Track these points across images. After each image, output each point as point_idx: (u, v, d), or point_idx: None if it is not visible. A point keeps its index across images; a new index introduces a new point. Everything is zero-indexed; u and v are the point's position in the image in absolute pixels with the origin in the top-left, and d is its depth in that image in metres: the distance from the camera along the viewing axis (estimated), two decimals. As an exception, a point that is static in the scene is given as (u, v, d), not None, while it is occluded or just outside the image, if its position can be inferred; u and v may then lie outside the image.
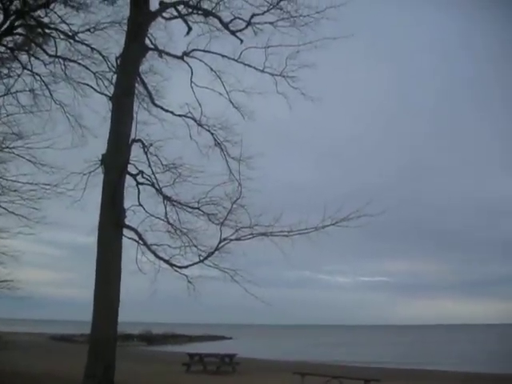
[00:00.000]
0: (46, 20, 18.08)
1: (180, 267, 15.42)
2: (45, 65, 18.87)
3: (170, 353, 49.92)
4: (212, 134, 17.28)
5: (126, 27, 16.52)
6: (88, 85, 18.84)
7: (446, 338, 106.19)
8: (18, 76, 18.90)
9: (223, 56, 17.00)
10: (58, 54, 18.55)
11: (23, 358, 30.05)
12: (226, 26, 16.70)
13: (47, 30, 18.24)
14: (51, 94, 19.20)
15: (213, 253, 15.25)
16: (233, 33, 16.78)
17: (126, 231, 15.25)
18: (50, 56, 18.57)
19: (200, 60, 17.25)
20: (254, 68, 17.03)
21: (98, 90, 18.63)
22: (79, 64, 18.72)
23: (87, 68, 18.75)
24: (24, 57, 18.92)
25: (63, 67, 18.82)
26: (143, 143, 15.97)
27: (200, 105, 17.33)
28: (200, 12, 16.93)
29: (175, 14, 16.95)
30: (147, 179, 16.11)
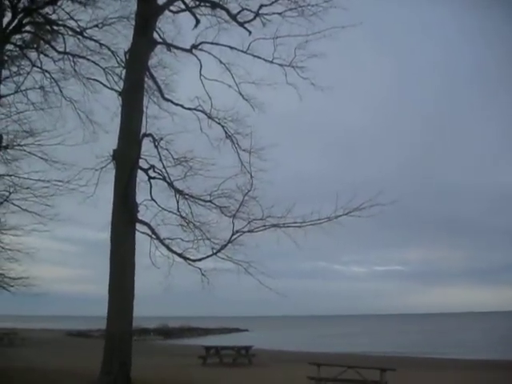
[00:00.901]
0: (53, 17, 18.16)
1: (193, 260, 15.44)
2: (54, 62, 18.95)
3: (186, 346, 50.03)
4: (223, 126, 17.25)
5: (133, 22, 16.48)
6: (97, 80, 18.88)
7: (460, 326, 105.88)
8: (28, 73, 18.99)
9: (232, 48, 16.95)
10: (67, 50, 18.61)
11: (40, 354, 30.20)
12: (233, 17, 16.63)
13: (55, 27, 18.30)
14: (61, 91, 19.29)
15: (226, 245, 15.24)
16: (241, 24, 16.70)
17: (138, 226, 15.28)
18: (59, 53, 18.62)
19: (209, 53, 17.22)
20: (263, 59, 16.96)
21: (108, 85, 18.67)
22: (88, 60, 18.75)
23: (96, 64, 18.77)
24: (33, 54, 19.01)
25: (72, 63, 18.88)
26: (154, 137, 15.97)
27: (210, 97, 17.31)
28: (207, 4, 16.88)
29: (183, 6, 16.91)
30: (159, 173, 16.12)
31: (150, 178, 16.03)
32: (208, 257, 15.46)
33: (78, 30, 18.27)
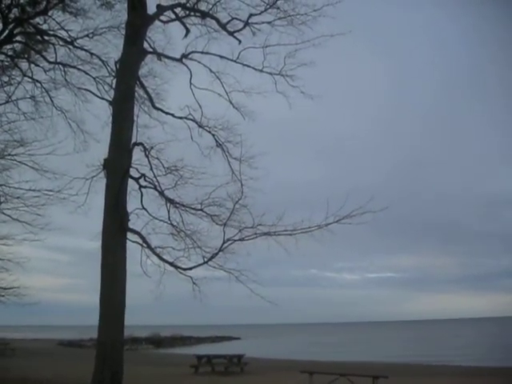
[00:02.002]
0: (44, 27, 18.19)
1: (184, 269, 15.41)
2: (45, 71, 18.97)
3: (178, 355, 49.94)
4: (213, 135, 17.27)
5: (124, 31, 16.50)
6: (88, 90, 18.92)
7: (452, 333, 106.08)
8: (19, 83, 19.00)
9: (222, 57, 17.01)
10: (58, 60, 18.64)
11: (31, 364, 30.10)
12: (223, 26, 16.72)
13: (46, 37, 18.33)
14: (52, 101, 19.31)
15: (217, 254, 15.24)
16: (231, 33, 16.79)
17: (129, 235, 15.25)
18: (50, 63, 18.66)
19: (199, 62, 17.26)
20: (253, 68, 17.03)
21: (99, 94, 18.70)
22: (79, 69, 18.80)
23: (87, 73, 18.82)
24: (24, 64, 19.02)
25: (63, 73, 18.92)
26: (144, 146, 15.98)
27: (200, 106, 17.34)
28: (197, 14, 16.95)
29: (173, 16, 16.98)
30: (149, 182, 16.11)
31: (140, 186, 16.02)
32: (199, 265, 15.44)
33: (68, 39, 18.30)
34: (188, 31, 16.85)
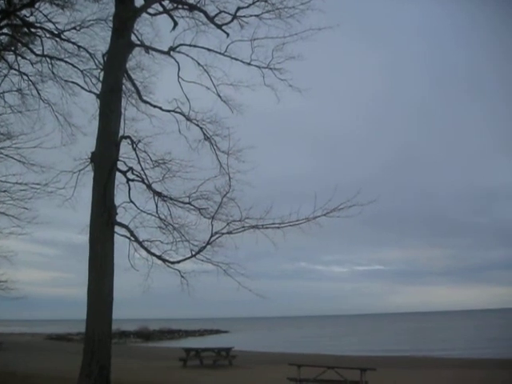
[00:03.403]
0: (31, 19, 18.01)
1: (172, 262, 15.38)
2: (32, 64, 18.82)
3: (166, 348, 49.97)
4: (201, 128, 17.24)
5: (111, 24, 16.39)
6: (76, 83, 18.76)
7: (442, 325, 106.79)
8: (5, 76, 18.88)
9: (210, 50, 16.95)
10: (45, 52, 18.48)
11: (19, 358, 30.03)
12: (211, 19, 16.66)
13: (33, 29, 18.18)
14: (39, 94, 19.19)
15: (205, 247, 15.22)
16: (219, 26, 16.74)
17: (117, 228, 15.20)
18: (37, 55, 18.51)
19: (187, 55, 17.19)
20: (241, 61, 16.98)
21: (86, 87, 18.55)
22: (66, 62, 18.64)
23: (74, 66, 18.65)
24: (11, 57, 18.88)
25: (50, 66, 18.76)
26: (132, 140, 15.92)
27: (188, 99, 17.29)
28: (185, 7, 16.89)
29: (160, 9, 16.91)
30: (137, 175, 16.06)
31: (128, 180, 15.96)
32: (187, 259, 15.43)
33: (55, 32, 18.14)
34: (176, 24, 16.78)
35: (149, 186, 16.21)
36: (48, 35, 18.28)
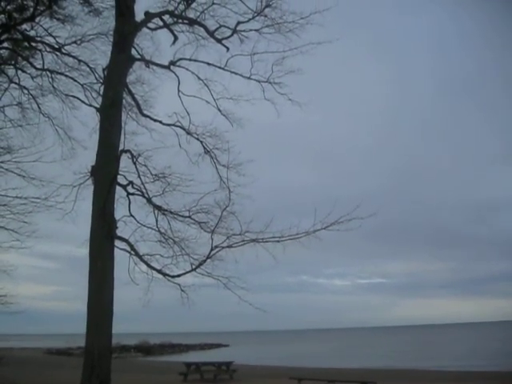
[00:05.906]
0: (31, 33, 18.05)
1: (173, 276, 15.36)
2: (32, 78, 18.84)
3: (167, 362, 49.77)
4: (201, 142, 17.26)
5: (112, 38, 16.46)
6: (76, 97, 18.78)
7: (443, 338, 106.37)
8: (5, 90, 18.86)
9: (210, 64, 17.00)
10: (45, 66, 18.51)
11: (19, 373, 29.88)
12: (211, 34, 16.74)
13: (33, 44, 18.21)
14: (39, 107, 19.18)
15: (205, 261, 15.21)
16: (219, 41, 16.81)
17: (117, 242, 15.17)
18: (37, 69, 18.53)
19: (187, 69, 17.24)
20: (241, 75, 17.03)
21: (86, 101, 18.56)
22: (66, 76, 18.66)
23: (75, 80, 18.68)
24: (11, 70, 18.87)
25: (51, 80, 18.78)
26: (132, 154, 15.93)
27: (188, 113, 17.33)
28: (185, 21, 16.97)
29: (161, 23, 16.95)
30: (137, 189, 16.08)
31: (128, 194, 15.97)
32: (187, 272, 15.40)
33: (56, 46, 18.20)
34: (176, 38, 16.84)
35: (149, 200, 16.21)
36: (48, 49, 18.32)
